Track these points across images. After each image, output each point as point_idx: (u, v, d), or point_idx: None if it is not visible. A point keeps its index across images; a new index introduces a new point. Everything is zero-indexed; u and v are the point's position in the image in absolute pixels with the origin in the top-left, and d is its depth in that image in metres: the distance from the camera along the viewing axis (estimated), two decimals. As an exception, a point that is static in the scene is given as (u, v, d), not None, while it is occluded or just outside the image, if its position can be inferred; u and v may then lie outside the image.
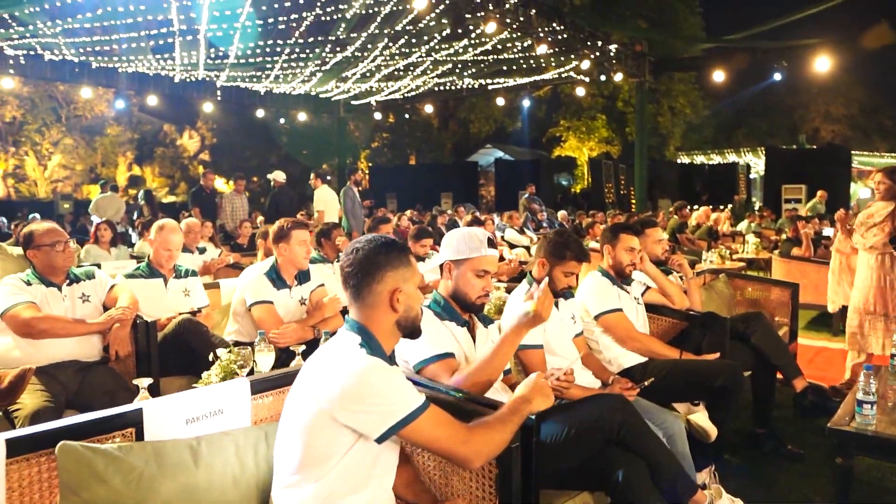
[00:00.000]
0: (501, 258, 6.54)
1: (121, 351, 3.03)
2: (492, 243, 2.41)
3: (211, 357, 2.40)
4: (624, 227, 3.50)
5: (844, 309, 6.46)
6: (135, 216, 12.10)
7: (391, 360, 1.83)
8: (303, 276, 3.57)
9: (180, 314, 3.36)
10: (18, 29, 10.77)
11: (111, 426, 1.77)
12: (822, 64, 12.73)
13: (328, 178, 17.29)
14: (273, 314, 3.35)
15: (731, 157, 28.39)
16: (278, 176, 10.16)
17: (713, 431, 2.93)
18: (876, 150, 31.06)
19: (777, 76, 13.70)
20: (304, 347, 2.73)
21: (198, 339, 3.12)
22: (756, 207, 16.80)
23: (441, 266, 2.46)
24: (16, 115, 23.88)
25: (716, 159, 29.22)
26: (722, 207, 15.47)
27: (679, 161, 28.46)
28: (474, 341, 2.43)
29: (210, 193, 10.02)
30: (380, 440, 1.66)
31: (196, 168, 32.89)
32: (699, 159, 29.97)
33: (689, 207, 11.29)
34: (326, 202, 9.86)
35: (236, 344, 2.68)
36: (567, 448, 2.17)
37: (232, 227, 9.55)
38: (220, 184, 31.37)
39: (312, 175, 10.51)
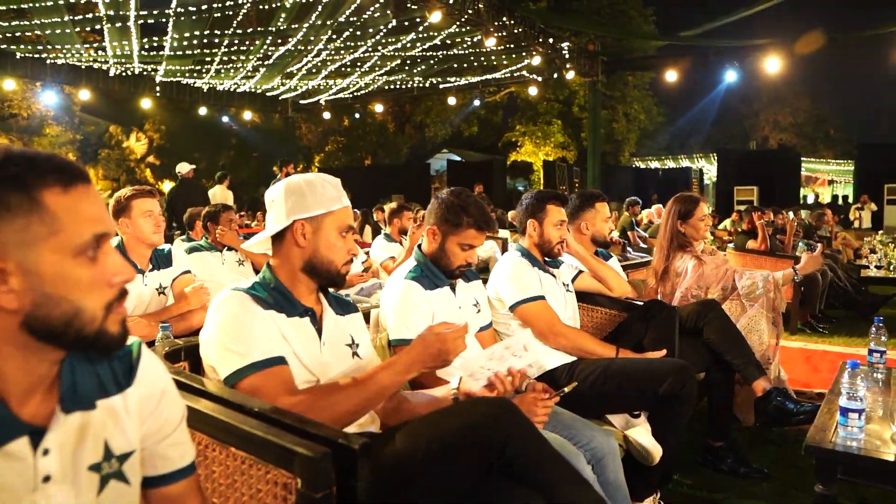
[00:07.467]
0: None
1: None
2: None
3: None
4: (552, 195, 2.84)
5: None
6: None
7: None
8: (161, 260, 2.93)
9: None
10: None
11: None
12: (773, 65, 12.62)
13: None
14: None
15: (685, 163, 28.46)
16: (182, 167, 9.55)
17: (657, 451, 2.30)
18: (822, 158, 31.63)
19: (730, 76, 13.54)
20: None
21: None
22: (709, 210, 16.73)
23: (289, 229, 1.71)
24: (-56, 113, 22.53)
25: (669, 165, 29.30)
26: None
27: (634, 166, 28.45)
28: (320, 337, 1.74)
29: None
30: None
31: (143, 171, 31.73)
32: (653, 165, 30.05)
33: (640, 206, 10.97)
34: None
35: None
36: (422, 478, 1.46)
37: None
38: (168, 186, 30.41)
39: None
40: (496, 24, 11.66)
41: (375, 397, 1.62)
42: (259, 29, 12.03)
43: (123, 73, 14.74)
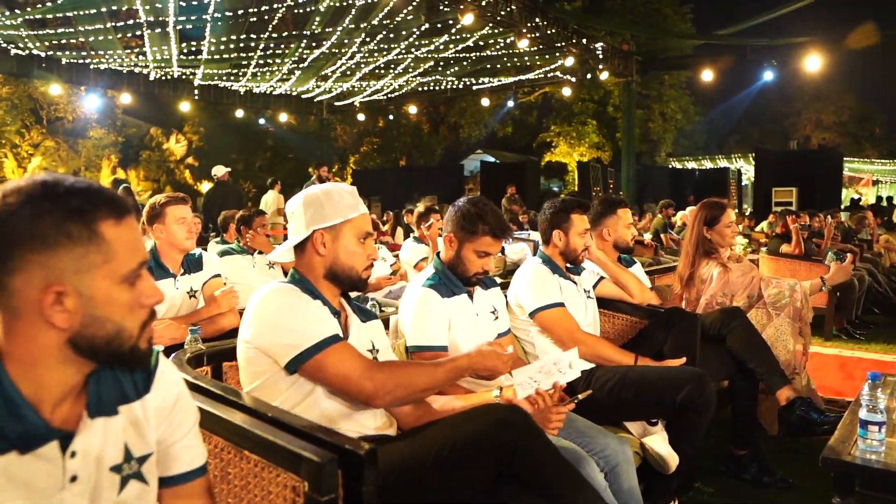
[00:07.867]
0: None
1: None
2: None
3: None
4: (576, 204, 2.85)
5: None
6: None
7: None
8: (192, 264, 3.04)
9: None
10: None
11: None
12: (813, 63, 12.35)
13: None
14: None
15: (723, 164, 27.96)
16: (218, 170, 9.72)
17: (673, 460, 2.31)
18: (867, 157, 30.77)
19: (767, 75, 13.30)
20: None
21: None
22: (747, 212, 16.41)
23: (309, 239, 1.79)
24: (-5, 116, 23.25)
25: (707, 165, 28.83)
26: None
27: (670, 167, 28.06)
28: (346, 334, 1.81)
29: None
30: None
31: (183, 172, 32.36)
32: (690, 165, 29.61)
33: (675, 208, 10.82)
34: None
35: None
36: (432, 481, 1.53)
37: None
38: (206, 187, 30.91)
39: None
40: (529, 25, 11.66)
41: (440, 382, 1.77)
42: (294, 32, 12.23)
43: (163, 77, 15.13)
